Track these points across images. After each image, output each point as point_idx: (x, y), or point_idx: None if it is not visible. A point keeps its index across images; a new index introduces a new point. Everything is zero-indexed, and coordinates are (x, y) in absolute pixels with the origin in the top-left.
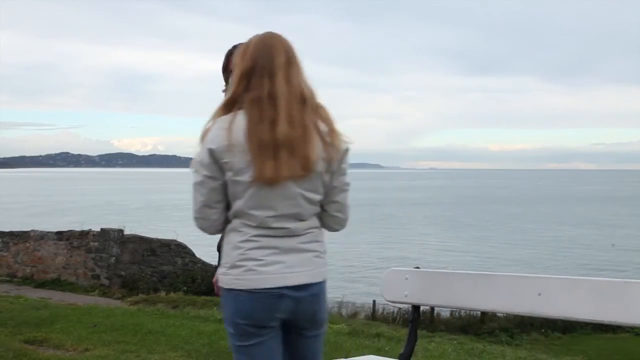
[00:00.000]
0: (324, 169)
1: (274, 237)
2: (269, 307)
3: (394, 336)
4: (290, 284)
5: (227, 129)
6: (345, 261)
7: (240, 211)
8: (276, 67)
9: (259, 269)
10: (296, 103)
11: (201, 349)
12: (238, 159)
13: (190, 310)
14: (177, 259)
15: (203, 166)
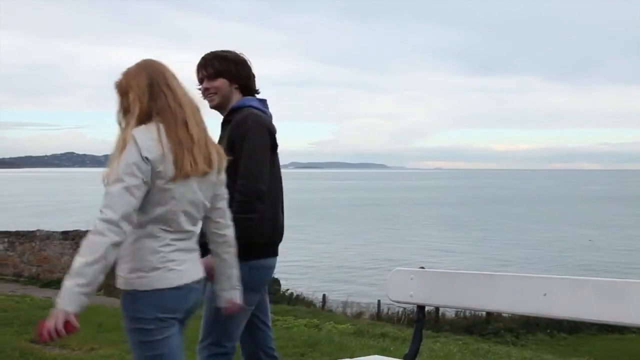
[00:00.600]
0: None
1: (184, 240)
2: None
3: (399, 336)
4: (197, 279)
5: (157, 140)
6: (349, 261)
7: (161, 217)
8: (170, 80)
9: (177, 268)
10: (196, 111)
11: None
12: (168, 167)
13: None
14: None
15: (142, 172)
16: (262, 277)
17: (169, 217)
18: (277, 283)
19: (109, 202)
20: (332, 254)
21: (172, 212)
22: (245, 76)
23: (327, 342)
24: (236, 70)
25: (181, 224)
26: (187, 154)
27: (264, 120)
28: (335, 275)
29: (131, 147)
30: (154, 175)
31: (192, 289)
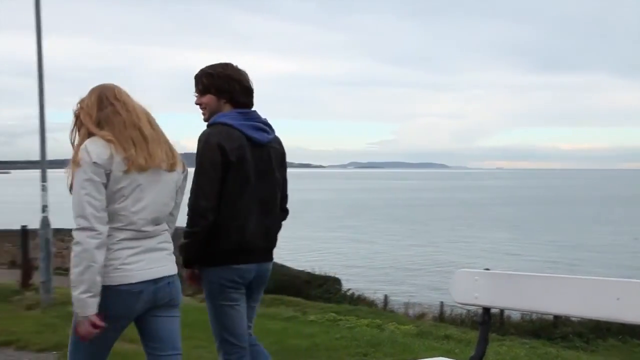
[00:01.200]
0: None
1: (138, 239)
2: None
3: (463, 338)
4: (152, 278)
5: (105, 145)
6: (410, 262)
7: (112, 215)
8: (119, 93)
9: (125, 267)
10: (150, 116)
11: (269, 346)
12: (118, 165)
13: (259, 307)
14: None
15: (96, 175)
16: (235, 276)
17: (121, 213)
18: (337, 283)
19: (77, 211)
20: (393, 254)
21: (123, 209)
22: (230, 90)
23: (390, 342)
24: (221, 85)
25: (135, 221)
26: (140, 150)
27: (219, 137)
28: (397, 276)
29: (84, 156)
30: (107, 176)
31: (145, 288)
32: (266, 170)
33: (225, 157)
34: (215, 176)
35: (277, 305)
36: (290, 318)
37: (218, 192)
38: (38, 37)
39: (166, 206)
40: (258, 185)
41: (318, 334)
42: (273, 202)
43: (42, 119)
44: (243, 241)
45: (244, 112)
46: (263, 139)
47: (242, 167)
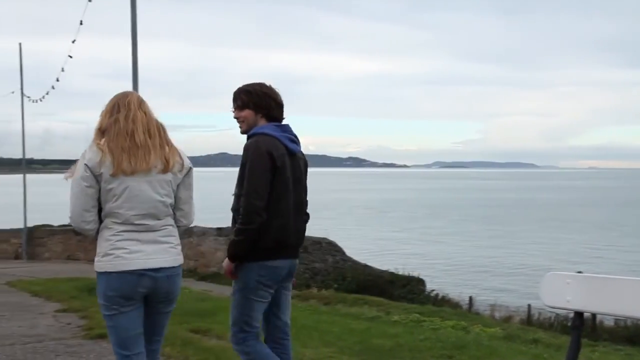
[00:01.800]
0: (173, 179)
1: (138, 232)
2: (134, 283)
3: (553, 343)
4: (152, 267)
5: (97, 150)
6: (496, 263)
7: (111, 212)
8: (129, 102)
9: (125, 256)
10: (152, 124)
11: (353, 346)
12: (107, 168)
13: (341, 307)
14: (328, 256)
15: (85, 178)
16: (271, 275)
17: (116, 211)
18: (421, 283)
19: (70, 206)
20: (478, 255)
21: (117, 207)
22: (266, 106)
23: (476, 345)
24: (259, 102)
25: (129, 217)
26: (127, 156)
27: (266, 145)
28: (482, 277)
29: (80, 159)
30: (98, 178)
31: (144, 274)
32: (299, 176)
33: (273, 163)
34: (267, 179)
35: (360, 305)
36: (374, 318)
37: (268, 194)
38: (133, 41)
39: (160, 203)
40: (294, 190)
41: (402, 335)
42: (303, 205)
43: None
44: (282, 239)
45: (280, 125)
46: (295, 150)
47: (285, 173)
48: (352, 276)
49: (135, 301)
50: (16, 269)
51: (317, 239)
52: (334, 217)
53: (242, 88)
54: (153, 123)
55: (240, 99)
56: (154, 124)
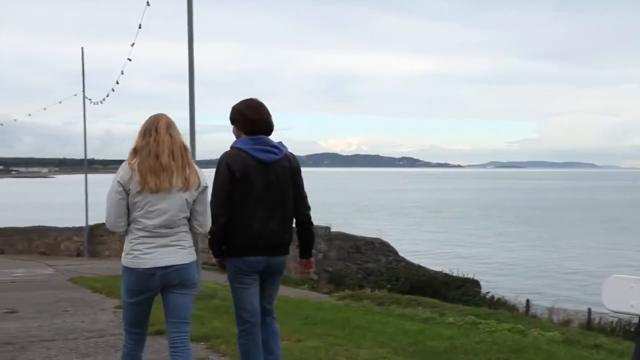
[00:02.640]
0: (189, 196)
1: (154, 237)
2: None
3: (616, 349)
4: (162, 265)
5: (129, 169)
6: (554, 265)
7: (134, 219)
8: (159, 127)
9: (141, 256)
10: (176, 147)
11: (407, 347)
12: (135, 185)
13: (395, 308)
14: (381, 257)
15: (116, 191)
16: (247, 266)
17: (138, 219)
18: (476, 285)
19: (106, 212)
20: (535, 257)
21: (140, 216)
22: (241, 122)
23: (534, 349)
24: (235, 118)
25: (148, 225)
26: (152, 176)
27: (227, 159)
28: (539, 280)
29: (115, 175)
30: (127, 192)
31: (154, 273)
32: (272, 183)
33: (232, 175)
34: (225, 189)
35: (414, 306)
36: (428, 319)
37: (227, 201)
38: (190, 43)
39: (176, 216)
40: (265, 195)
41: (457, 337)
42: (279, 208)
43: (192, 121)
44: (248, 239)
45: (254, 138)
46: (267, 159)
47: (246, 182)
48: (405, 277)
49: (148, 293)
50: (78, 266)
51: (370, 239)
52: (387, 218)
53: (232, 106)
54: (177, 145)
55: (230, 115)
56: (178, 147)
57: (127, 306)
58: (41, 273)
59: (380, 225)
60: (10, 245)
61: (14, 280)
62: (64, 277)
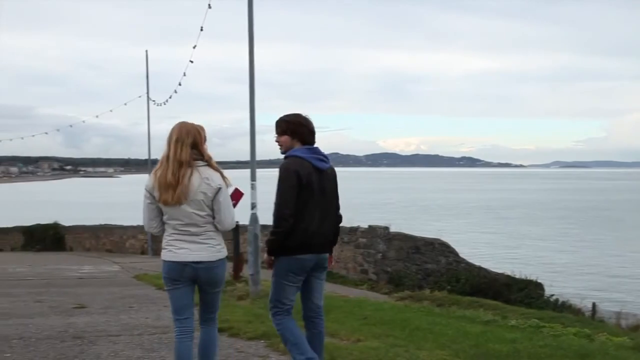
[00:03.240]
0: (205, 198)
1: (184, 234)
2: (180, 271)
3: None
4: (192, 260)
5: (154, 179)
6: (622, 269)
7: (166, 221)
8: (170, 141)
9: (174, 251)
10: (183, 158)
11: (468, 349)
12: (157, 195)
13: (456, 309)
14: (441, 257)
15: (146, 197)
16: (299, 264)
17: (168, 221)
18: (539, 287)
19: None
20: (601, 260)
21: (168, 219)
22: (300, 133)
23: (601, 354)
24: (295, 129)
25: (176, 226)
26: (164, 192)
27: (294, 166)
28: (606, 283)
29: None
30: (154, 197)
31: (187, 265)
32: (325, 188)
33: (299, 180)
34: (293, 193)
35: (475, 308)
36: (490, 322)
37: (295, 204)
38: (250, 46)
39: (195, 215)
40: (320, 199)
41: (520, 340)
42: (330, 211)
43: (252, 121)
44: (305, 239)
45: (310, 148)
46: (323, 167)
47: (309, 188)
48: (466, 278)
49: (183, 282)
50: (143, 264)
51: (430, 239)
52: (447, 218)
53: (282, 118)
54: (186, 157)
55: (280, 126)
56: (186, 158)
57: (169, 295)
58: (107, 270)
59: (440, 226)
60: (79, 242)
61: (82, 276)
62: (129, 274)
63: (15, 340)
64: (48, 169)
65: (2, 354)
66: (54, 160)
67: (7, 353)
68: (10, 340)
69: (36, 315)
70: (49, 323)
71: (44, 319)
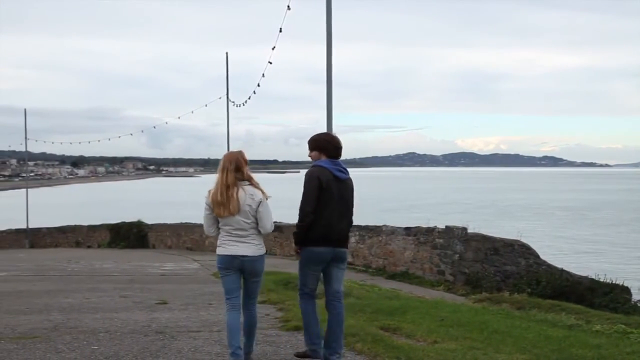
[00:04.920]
0: (250, 209)
1: (234, 236)
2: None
3: None
4: (239, 254)
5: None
6: None
7: (221, 226)
8: (222, 168)
9: (226, 247)
10: (230, 181)
11: (550, 354)
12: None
13: (536, 313)
14: (521, 259)
15: (207, 209)
16: (317, 256)
17: (222, 227)
18: (626, 292)
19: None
20: None
21: (222, 225)
22: (326, 149)
23: None
24: (322, 146)
25: (228, 230)
26: (217, 207)
27: (317, 172)
28: None
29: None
30: (211, 209)
31: (235, 257)
32: (343, 194)
33: (320, 184)
34: (314, 194)
35: (557, 312)
36: (573, 326)
37: (316, 203)
38: (328, 46)
39: (243, 223)
40: (338, 203)
41: (605, 346)
42: (346, 214)
43: (329, 121)
44: (325, 234)
45: (333, 161)
46: (342, 177)
47: (328, 191)
48: (547, 281)
49: (232, 270)
50: None
51: (510, 241)
52: (528, 219)
53: (312, 137)
54: (231, 181)
55: (310, 144)
56: (231, 182)
57: (222, 280)
58: (188, 267)
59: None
60: (161, 240)
61: (164, 273)
62: (208, 271)
63: (102, 334)
64: (132, 169)
65: (90, 346)
66: (138, 160)
67: (95, 345)
68: (98, 333)
69: (121, 310)
70: (133, 318)
71: (128, 314)
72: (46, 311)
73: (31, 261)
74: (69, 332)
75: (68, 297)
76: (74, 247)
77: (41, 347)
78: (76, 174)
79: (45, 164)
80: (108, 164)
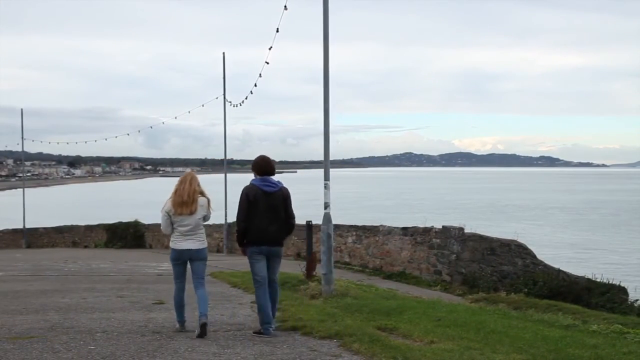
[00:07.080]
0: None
1: (184, 234)
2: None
3: None
4: (187, 248)
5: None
6: None
7: (174, 227)
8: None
9: (178, 242)
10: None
11: (547, 354)
12: (172, 211)
13: (533, 313)
14: (517, 259)
15: (165, 212)
16: (257, 253)
17: (176, 227)
18: (623, 292)
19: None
20: None
21: (176, 225)
22: (256, 169)
23: None
24: (254, 168)
25: (180, 229)
26: (179, 207)
27: (247, 190)
28: None
29: (163, 206)
30: (170, 215)
31: (185, 251)
32: (271, 204)
33: (248, 198)
34: (244, 206)
35: (553, 312)
36: (569, 326)
37: (246, 214)
38: (325, 46)
39: (194, 226)
40: (268, 211)
41: (602, 346)
42: (276, 219)
43: (326, 122)
44: (258, 236)
45: (263, 178)
46: (269, 190)
47: (256, 204)
48: (544, 281)
49: (182, 262)
50: (218, 262)
51: (506, 240)
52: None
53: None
54: (192, 189)
55: (252, 165)
56: (193, 190)
57: (173, 269)
58: None
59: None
60: (157, 240)
61: (161, 273)
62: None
63: (99, 334)
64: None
65: (87, 346)
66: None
67: (92, 345)
68: (95, 333)
69: (118, 310)
70: (130, 318)
71: (125, 314)
72: (43, 311)
73: (28, 261)
74: (66, 332)
75: (65, 297)
76: (70, 247)
77: (38, 347)
78: (73, 174)
79: (42, 164)
80: (105, 164)
